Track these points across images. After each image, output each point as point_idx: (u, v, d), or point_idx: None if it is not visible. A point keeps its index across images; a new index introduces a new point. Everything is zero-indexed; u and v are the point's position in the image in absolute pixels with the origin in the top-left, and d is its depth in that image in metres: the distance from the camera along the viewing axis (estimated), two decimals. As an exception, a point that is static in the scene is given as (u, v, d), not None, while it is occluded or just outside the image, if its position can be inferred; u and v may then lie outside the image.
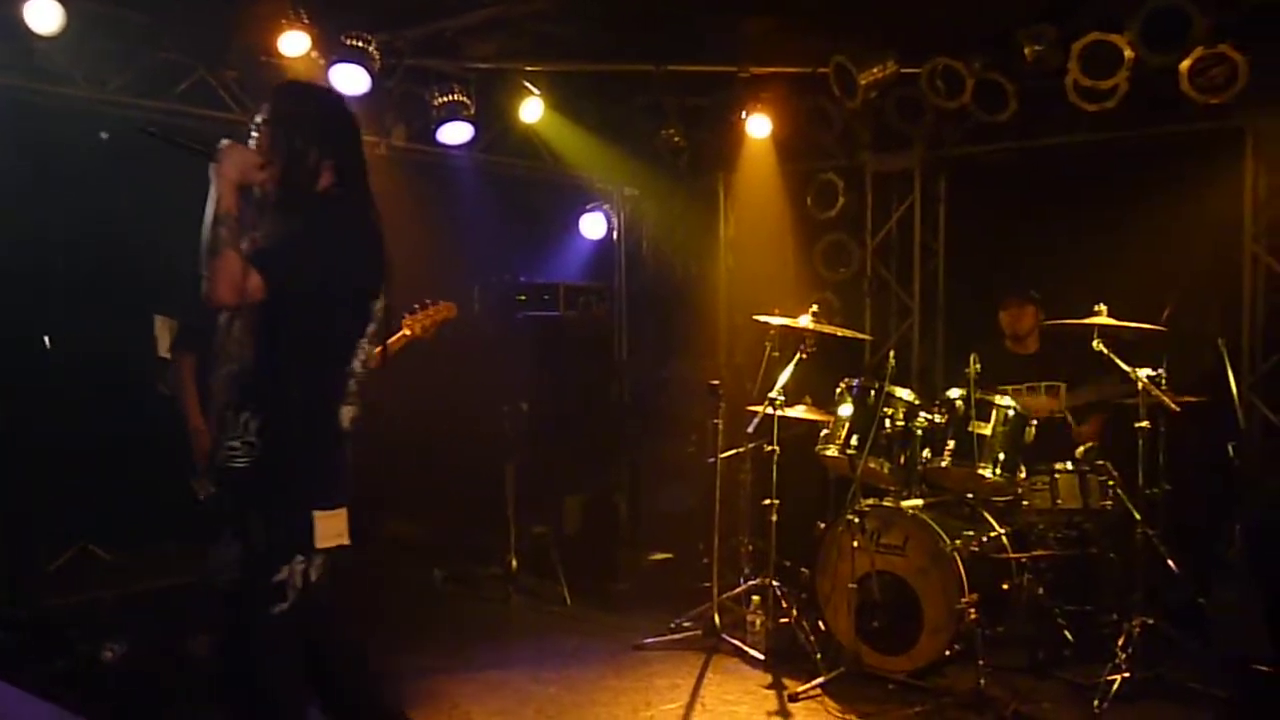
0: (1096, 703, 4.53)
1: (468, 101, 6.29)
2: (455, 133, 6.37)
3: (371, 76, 5.75)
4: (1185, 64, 5.25)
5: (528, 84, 6.53)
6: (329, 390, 2.96)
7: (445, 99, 6.25)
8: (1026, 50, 5.64)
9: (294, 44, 5.54)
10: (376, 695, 3.19)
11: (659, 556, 7.10)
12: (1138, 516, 4.89)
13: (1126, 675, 4.63)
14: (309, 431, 2.89)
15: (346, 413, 2.99)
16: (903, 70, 6.08)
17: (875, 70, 6.08)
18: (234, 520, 2.84)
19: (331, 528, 2.89)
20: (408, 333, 5.00)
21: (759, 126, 6.76)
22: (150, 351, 5.44)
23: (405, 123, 6.50)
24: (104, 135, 5.75)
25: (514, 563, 6.47)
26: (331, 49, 5.67)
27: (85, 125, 5.69)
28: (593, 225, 8.00)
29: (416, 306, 5.11)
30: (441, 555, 6.84)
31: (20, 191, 5.49)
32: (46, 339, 5.90)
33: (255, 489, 2.82)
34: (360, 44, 5.69)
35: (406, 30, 5.95)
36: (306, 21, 5.53)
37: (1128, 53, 5.33)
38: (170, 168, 3.38)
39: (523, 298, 7.28)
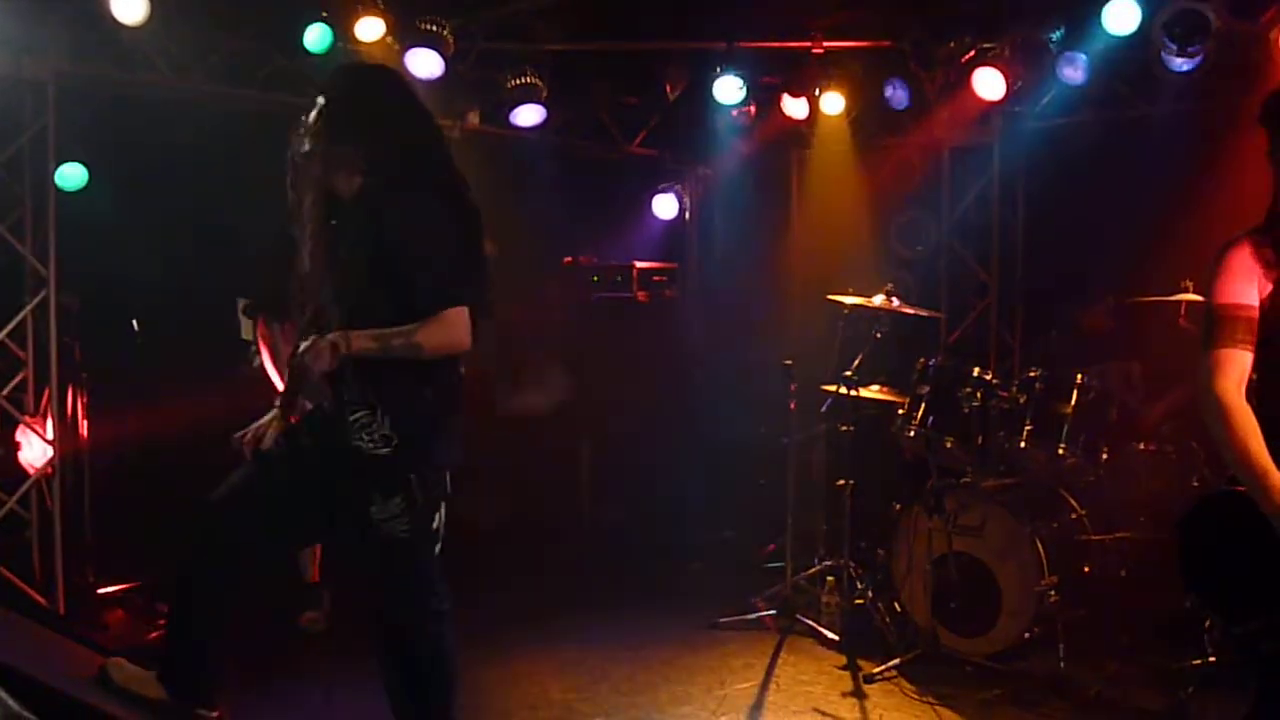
0: (1183, 689, 4.43)
1: (540, 84, 6.31)
2: (528, 115, 6.40)
3: (445, 60, 5.81)
4: (1274, 32, 5.10)
5: (598, 65, 6.54)
6: (452, 374, 3.20)
7: (518, 81, 6.28)
8: (1107, 19, 5.50)
9: (369, 29, 5.62)
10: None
11: (733, 536, 7.11)
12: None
13: (1212, 659, 4.52)
14: (438, 418, 3.17)
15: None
16: (981, 44, 5.97)
17: (952, 44, 5.98)
18: (390, 486, 3.09)
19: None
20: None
21: (833, 103, 6.69)
22: (236, 335, 5.56)
23: (479, 106, 6.56)
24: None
25: (586, 542, 6.52)
26: (406, 33, 5.74)
27: (171, 113, 5.82)
28: (665, 205, 8.00)
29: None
30: (515, 535, 6.91)
31: (108, 178, 5.64)
32: (135, 322, 6.06)
33: (402, 463, 3.09)
34: (434, 28, 5.75)
35: (480, 13, 5.99)
36: (381, 6, 5.60)
37: (1214, 20, 5.18)
38: (255, 149, 3.47)
39: (596, 279, 7.31)
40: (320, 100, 3.19)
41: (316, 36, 5.54)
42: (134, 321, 6.07)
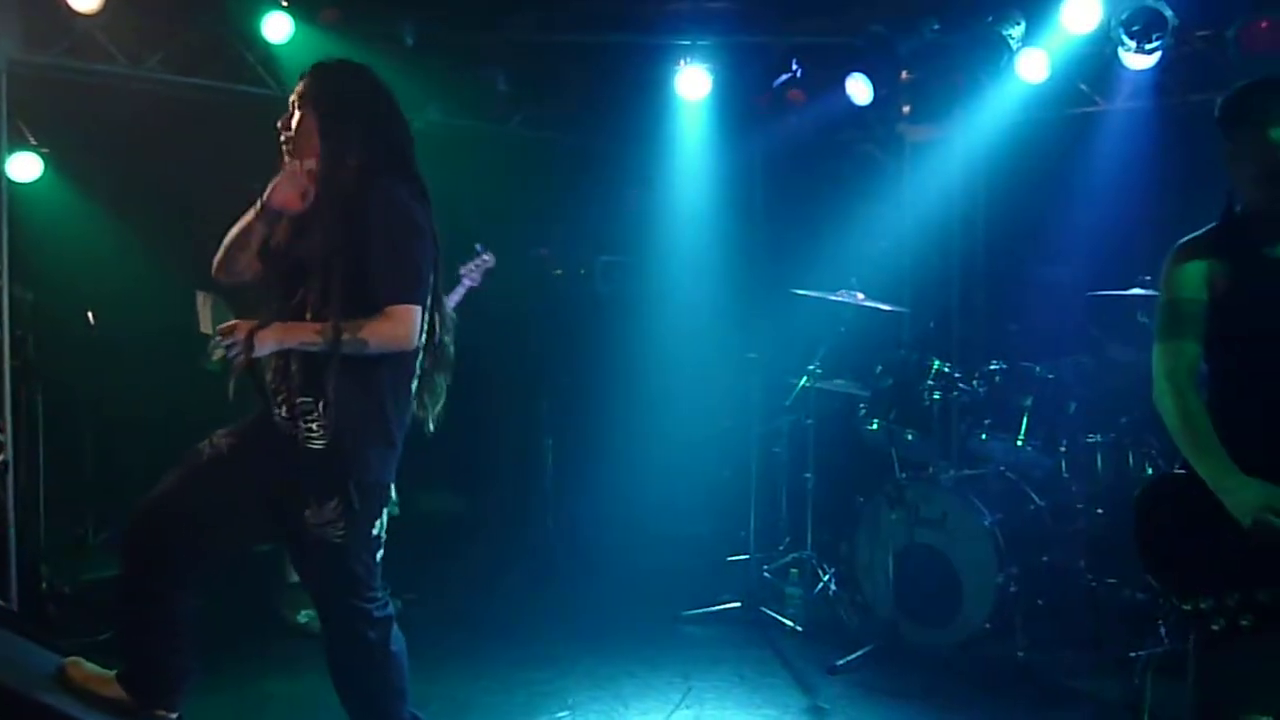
0: (1139, 677, 4.50)
1: (503, 75, 6.28)
2: (496, 106, 6.36)
3: (409, 51, 5.75)
4: (1232, 31, 5.16)
5: (563, 57, 6.52)
6: (399, 375, 3.15)
7: (485, 73, 6.24)
8: (1066, 19, 5.55)
9: (329, 19, 5.56)
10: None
11: (697, 529, 7.12)
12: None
13: (1168, 648, 4.59)
14: (380, 426, 3.10)
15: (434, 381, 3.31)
16: (942, 39, 6.01)
17: (914, 39, 6.00)
18: (326, 489, 3.03)
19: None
20: (470, 283, 5.39)
21: (796, 97, 6.70)
22: (194, 329, 5.49)
23: (443, 97, 6.50)
24: None
25: (550, 536, 6.51)
26: (366, 23, 5.68)
27: (127, 102, 5.73)
28: (630, 197, 7.98)
29: (470, 264, 5.49)
30: (480, 529, 6.89)
31: (62, 168, 5.56)
32: (90, 315, 5.97)
33: (338, 462, 3.03)
34: (396, 18, 5.69)
35: (444, 4, 5.94)
36: (342, -4, 5.55)
37: (1172, 19, 5.24)
38: (212, 140, 3.44)
39: (559, 271, 7.28)
40: (294, 98, 3.15)
41: (276, 26, 5.48)
42: (89, 314, 5.97)
